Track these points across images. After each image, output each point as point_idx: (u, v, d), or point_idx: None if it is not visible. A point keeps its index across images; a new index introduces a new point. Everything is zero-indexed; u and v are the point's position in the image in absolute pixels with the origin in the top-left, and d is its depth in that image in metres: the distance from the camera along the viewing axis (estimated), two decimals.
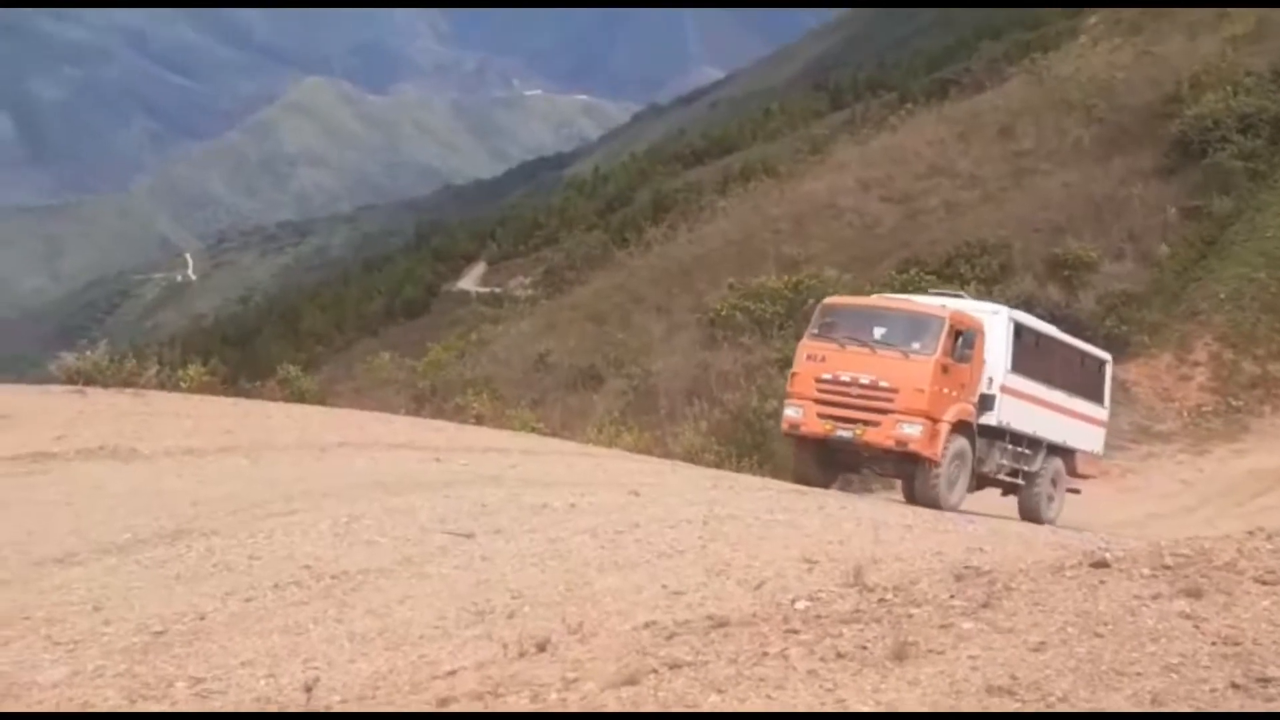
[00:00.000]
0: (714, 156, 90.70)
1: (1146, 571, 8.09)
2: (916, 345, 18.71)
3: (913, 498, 19.29)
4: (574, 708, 6.04)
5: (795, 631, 7.26)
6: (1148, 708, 6.05)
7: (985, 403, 19.52)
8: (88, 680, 6.75)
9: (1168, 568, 8.11)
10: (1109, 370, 23.62)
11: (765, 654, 6.84)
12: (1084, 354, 22.92)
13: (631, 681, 6.38)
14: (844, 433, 18.91)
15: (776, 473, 21.22)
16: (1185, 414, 32.70)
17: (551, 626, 7.68)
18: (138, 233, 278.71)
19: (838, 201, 51.77)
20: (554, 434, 23.55)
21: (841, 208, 51.18)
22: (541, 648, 7.17)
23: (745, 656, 6.80)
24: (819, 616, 7.64)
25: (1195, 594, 7.50)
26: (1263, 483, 27.37)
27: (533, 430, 23.44)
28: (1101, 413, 22.95)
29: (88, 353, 21.76)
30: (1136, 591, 7.68)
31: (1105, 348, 32.64)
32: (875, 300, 21.74)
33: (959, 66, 74.51)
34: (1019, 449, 20.62)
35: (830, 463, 20.28)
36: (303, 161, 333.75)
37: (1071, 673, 6.46)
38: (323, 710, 6.21)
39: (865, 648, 6.88)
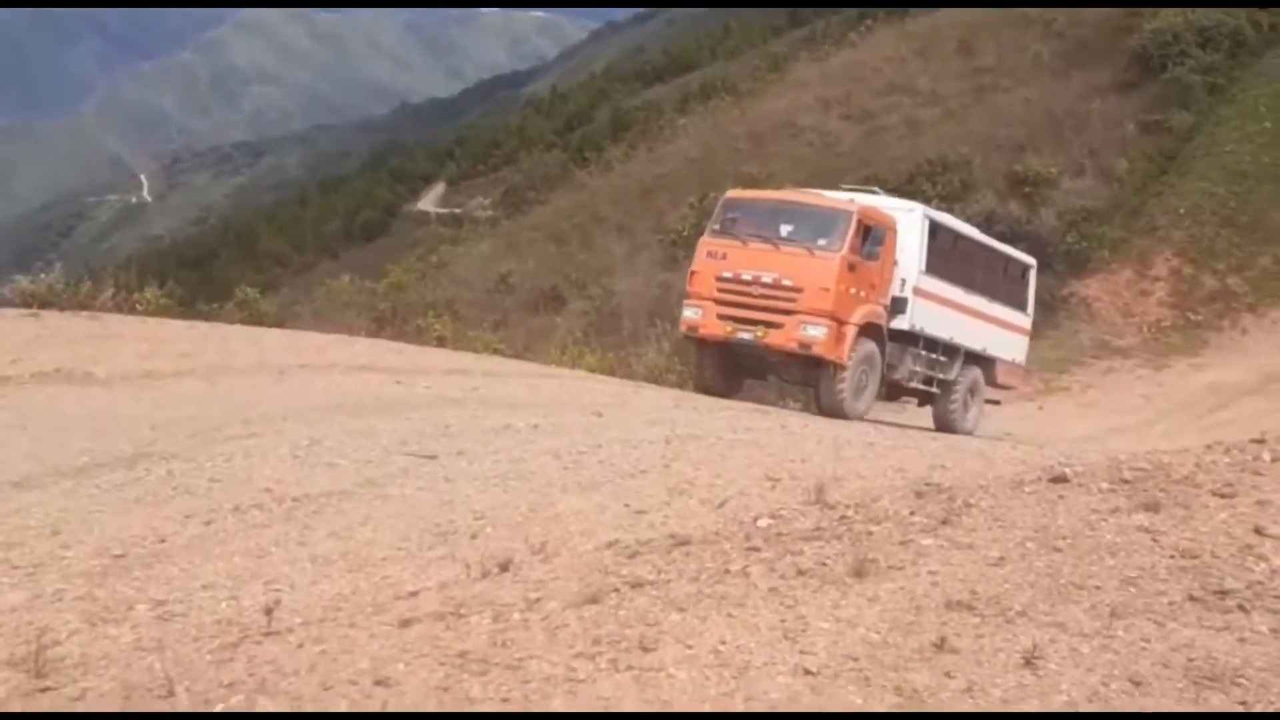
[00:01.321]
0: (673, 74, 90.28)
1: (1105, 486, 8.15)
2: (822, 242, 17.78)
3: (820, 406, 18.45)
4: (536, 628, 6.05)
5: (757, 549, 7.28)
6: (1106, 621, 6.11)
7: (897, 305, 18.69)
8: (47, 603, 6.70)
9: (1126, 482, 8.18)
10: (1033, 276, 22.82)
11: (727, 572, 6.86)
12: (1007, 258, 22.08)
13: (594, 600, 6.39)
14: (745, 335, 18.05)
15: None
16: (1145, 329, 33.01)
17: (514, 547, 7.67)
18: (90, 154, 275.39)
19: (798, 120, 51.64)
20: (516, 356, 23.48)
21: (801, 126, 51.06)
22: (504, 568, 7.16)
23: (707, 575, 6.82)
24: (780, 534, 7.67)
25: (1153, 508, 7.57)
26: (1221, 396, 27.69)
27: (495, 352, 23.36)
28: (1025, 320, 22.22)
29: (42, 275, 21.50)
30: (1095, 506, 7.74)
31: (1066, 263, 32.99)
32: (780, 194, 20.50)
33: None
34: (934, 356, 19.85)
35: (734, 369, 19.43)
36: (255, 80, 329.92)
37: (1030, 587, 6.52)
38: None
39: (826, 564, 6.92)
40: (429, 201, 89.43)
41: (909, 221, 18.98)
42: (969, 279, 20.29)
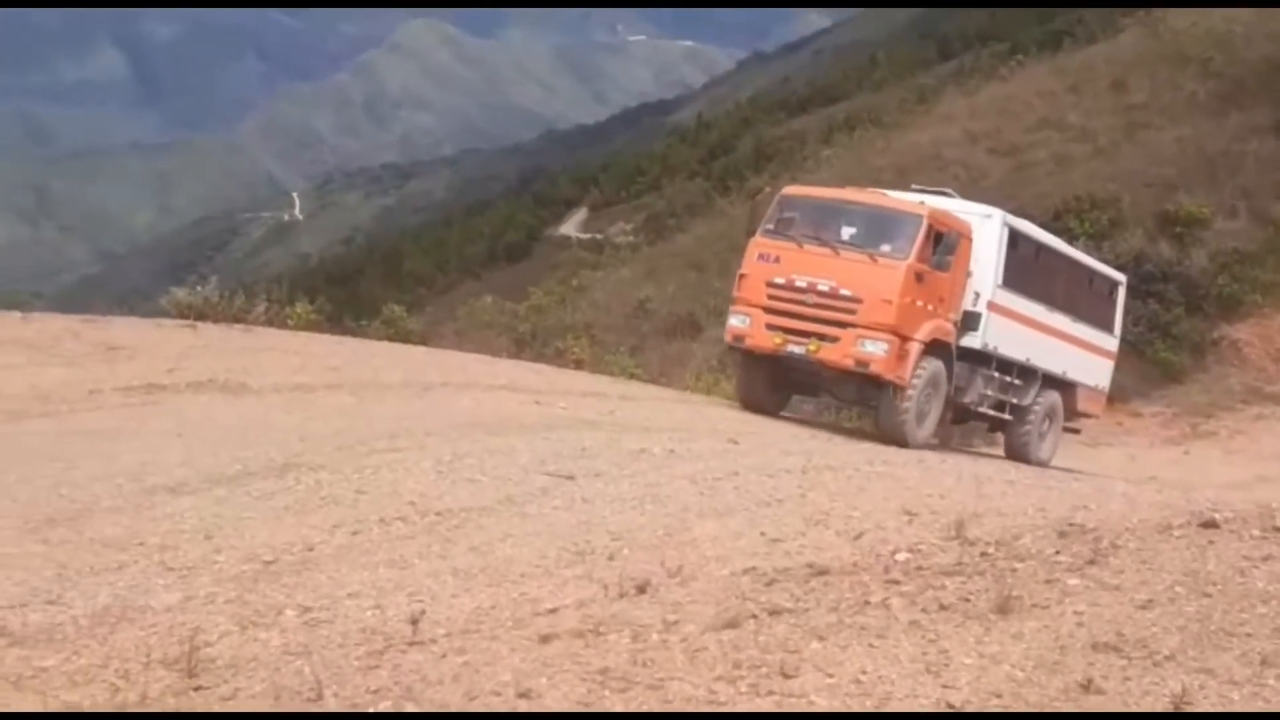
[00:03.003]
0: (818, 105, 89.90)
1: (1256, 533, 7.97)
2: (886, 248, 16.23)
3: (878, 429, 16.99)
4: (675, 649, 6.08)
5: (896, 582, 7.23)
6: (1256, 669, 5.97)
7: (968, 321, 17.05)
8: (200, 605, 6.91)
9: (1279, 530, 7.98)
10: (1122, 294, 21.07)
11: (867, 603, 6.83)
12: (1094, 273, 20.37)
13: (732, 625, 6.40)
14: (795, 348, 16.46)
15: None
16: None
17: (651, 569, 7.71)
18: (246, 171, 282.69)
19: (943, 153, 51.02)
20: (652, 380, 23.59)
21: (947, 160, 50.41)
22: (641, 589, 7.21)
23: (846, 605, 6.80)
24: (920, 568, 7.61)
25: None
26: None
27: (631, 376, 23.50)
28: (1111, 342, 20.52)
29: (198, 288, 22.19)
30: (1246, 552, 7.57)
31: (1217, 306, 32.10)
32: (843, 193, 18.65)
33: (1072, 17, 72.97)
34: (1008, 378, 18.17)
35: (783, 384, 18.06)
36: (406, 104, 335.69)
37: (1179, 631, 6.39)
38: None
39: (968, 600, 6.85)
40: (571, 226, 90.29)
41: (986, 229, 17.33)
42: (1051, 295, 18.65)
